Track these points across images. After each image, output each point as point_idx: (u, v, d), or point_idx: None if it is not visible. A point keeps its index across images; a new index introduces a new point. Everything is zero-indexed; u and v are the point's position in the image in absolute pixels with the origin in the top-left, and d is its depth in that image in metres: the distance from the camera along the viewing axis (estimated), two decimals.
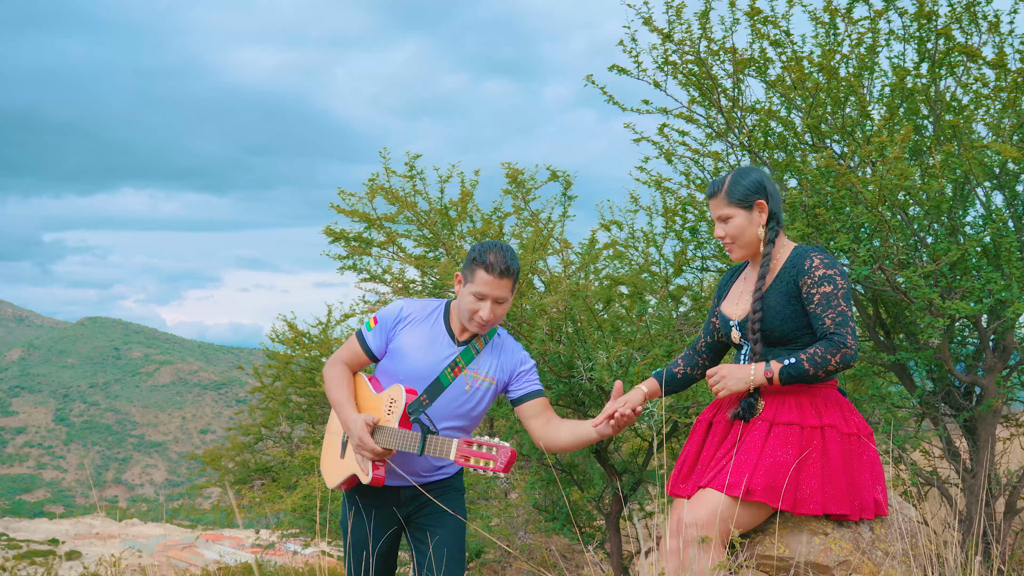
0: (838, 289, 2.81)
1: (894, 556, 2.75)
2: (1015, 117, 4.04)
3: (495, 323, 3.27)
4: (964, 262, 4.12)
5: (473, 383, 3.29)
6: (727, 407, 2.99)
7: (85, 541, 47.20)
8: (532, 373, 3.42)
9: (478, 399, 3.30)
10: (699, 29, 4.54)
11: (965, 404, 4.38)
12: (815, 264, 2.85)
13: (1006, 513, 4.28)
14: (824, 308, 2.80)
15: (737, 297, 3.09)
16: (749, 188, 2.98)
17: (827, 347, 2.76)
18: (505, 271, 3.16)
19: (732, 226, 3.00)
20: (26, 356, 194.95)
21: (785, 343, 2.89)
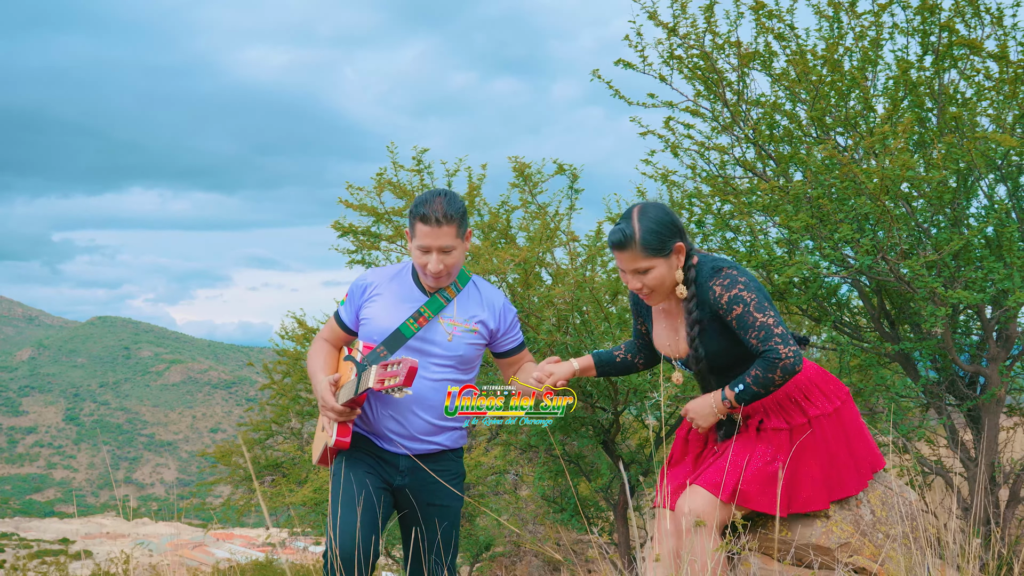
0: (748, 304, 2.70)
1: (895, 539, 2.80)
2: (1017, 109, 4.08)
3: (449, 273, 3.17)
4: (967, 252, 4.16)
5: (453, 331, 3.20)
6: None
7: (96, 540, 47.40)
8: (516, 325, 3.37)
9: (465, 347, 3.22)
10: (704, 23, 4.59)
11: (969, 393, 4.41)
12: (718, 294, 2.74)
13: (1009, 501, 4.31)
14: (745, 330, 2.71)
15: (665, 329, 2.98)
16: (664, 233, 2.78)
17: (764, 367, 2.69)
18: (443, 218, 3.04)
19: (652, 278, 2.81)
20: (36, 356, 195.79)
21: (737, 365, 2.82)
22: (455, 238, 3.10)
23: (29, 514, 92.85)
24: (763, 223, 4.72)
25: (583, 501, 6.66)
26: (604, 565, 3.43)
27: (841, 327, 5.03)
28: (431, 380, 3.19)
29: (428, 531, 3.27)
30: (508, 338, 3.33)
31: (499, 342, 3.32)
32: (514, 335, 3.35)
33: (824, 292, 4.88)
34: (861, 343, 4.80)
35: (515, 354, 3.36)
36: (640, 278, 2.80)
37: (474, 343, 3.24)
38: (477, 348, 3.27)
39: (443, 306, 3.21)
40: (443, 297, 3.21)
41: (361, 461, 3.25)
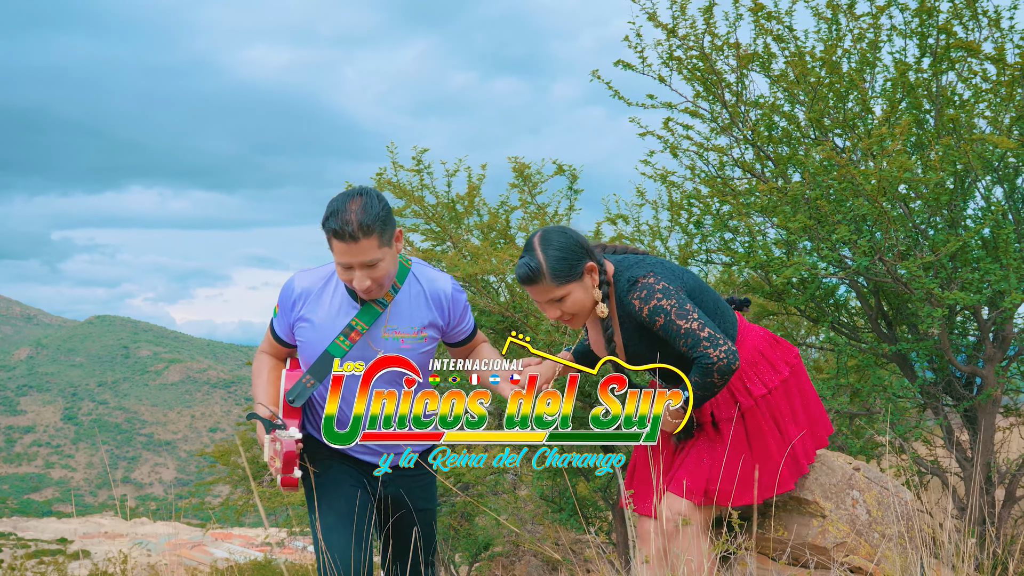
0: (668, 313, 2.63)
1: (890, 538, 2.82)
2: (1014, 111, 4.10)
3: (380, 285, 2.76)
4: (964, 253, 4.18)
5: (400, 344, 2.83)
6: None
7: (94, 540, 47.40)
8: (467, 310, 3.02)
9: (417, 357, 2.84)
10: (703, 24, 4.61)
11: (965, 394, 4.44)
12: (637, 308, 2.67)
13: (1005, 501, 4.33)
14: (673, 340, 2.65)
15: (595, 337, 2.87)
16: (571, 258, 2.68)
17: (700, 373, 2.62)
18: (359, 231, 2.62)
19: (570, 304, 2.71)
20: (34, 355, 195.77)
21: (680, 360, 2.70)
22: (378, 249, 2.67)
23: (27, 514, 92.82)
24: (761, 224, 4.74)
25: (581, 501, 6.67)
26: (602, 564, 3.43)
27: (839, 328, 5.05)
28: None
29: (408, 536, 3.02)
30: (460, 329, 3.00)
31: (451, 334, 2.99)
32: (466, 323, 3.01)
33: (822, 293, 4.90)
34: (858, 344, 4.82)
35: (468, 343, 3.04)
36: (558, 307, 2.71)
37: (427, 350, 2.89)
38: (431, 353, 2.92)
39: (379, 314, 2.81)
40: (379, 304, 2.81)
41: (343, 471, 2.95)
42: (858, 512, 2.87)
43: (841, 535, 2.80)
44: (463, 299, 2.97)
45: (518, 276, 2.72)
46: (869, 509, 2.88)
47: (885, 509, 2.89)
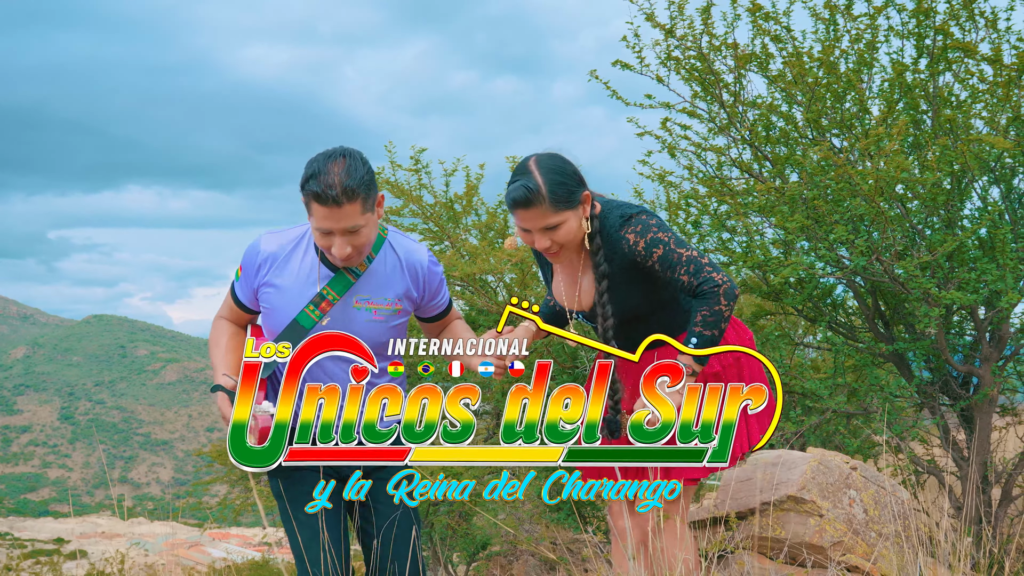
0: (667, 243, 2.46)
1: (887, 537, 2.83)
2: (1010, 111, 4.12)
3: (360, 253, 2.57)
4: (961, 253, 4.19)
5: (374, 316, 2.63)
6: None
7: (91, 540, 47.36)
8: (443, 284, 2.82)
9: (389, 331, 2.63)
10: (701, 25, 4.62)
11: (962, 393, 4.45)
12: (632, 242, 2.48)
13: (1001, 500, 4.35)
14: (673, 270, 2.45)
15: (565, 283, 2.66)
16: (570, 184, 2.50)
17: (707, 302, 2.41)
18: (343, 195, 2.44)
19: (563, 233, 2.50)
20: (31, 354, 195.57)
21: (643, 318, 2.56)
22: (361, 215, 2.49)
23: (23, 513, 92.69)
24: (759, 224, 4.75)
25: (578, 500, 6.68)
26: (599, 564, 3.44)
27: (836, 327, 5.06)
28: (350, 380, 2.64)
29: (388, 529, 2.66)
30: (435, 303, 2.79)
31: (425, 308, 2.77)
32: (442, 297, 2.80)
33: (819, 293, 4.92)
34: (856, 343, 4.83)
35: (441, 319, 2.83)
36: (549, 235, 2.48)
37: (398, 324, 2.67)
38: (401, 330, 2.70)
39: (351, 284, 2.62)
40: (352, 273, 2.62)
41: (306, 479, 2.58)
42: (855, 511, 2.88)
43: (838, 534, 2.81)
44: (439, 272, 2.78)
45: (512, 199, 2.48)
46: (866, 508, 2.90)
47: (882, 508, 2.90)
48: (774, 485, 2.87)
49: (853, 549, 2.79)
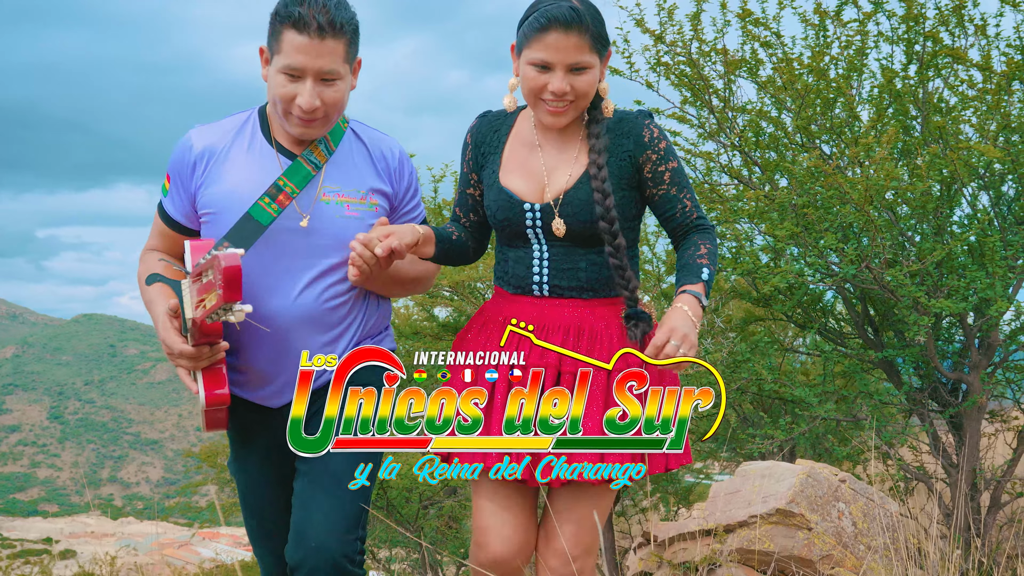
0: (681, 164, 2.23)
1: (876, 550, 2.82)
2: (1000, 119, 4.11)
3: (326, 116, 2.16)
4: (950, 261, 4.19)
5: (346, 210, 2.24)
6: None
7: (80, 540, 47.24)
8: (417, 193, 2.41)
9: (368, 228, 2.22)
10: (691, 31, 4.61)
11: (951, 400, 4.45)
12: (656, 136, 2.16)
13: (990, 507, 4.35)
14: (680, 188, 2.17)
15: (525, 167, 2.20)
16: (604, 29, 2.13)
17: (710, 237, 2.17)
18: (328, 26, 2.06)
19: (586, 82, 2.09)
20: (20, 353, 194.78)
21: (590, 243, 2.17)
22: (343, 62, 2.13)
23: (12, 513, 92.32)
24: (749, 231, 4.75)
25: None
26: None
27: (826, 333, 5.05)
28: (316, 295, 2.21)
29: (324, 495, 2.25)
30: (409, 211, 2.36)
31: (399, 216, 2.35)
32: (416, 206, 2.38)
33: (809, 299, 4.91)
34: (845, 349, 4.83)
35: None
36: (572, 78, 2.07)
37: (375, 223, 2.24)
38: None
39: (310, 175, 2.21)
40: (310, 162, 2.22)
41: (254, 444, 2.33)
42: (844, 524, 2.87)
43: (827, 547, 2.80)
44: (413, 171, 2.39)
45: (551, 16, 2.06)
46: (855, 521, 2.89)
47: (871, 521, 2.90)
48: (763, 497, 2.86)
49: (842, 563, 2.79)
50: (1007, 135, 4.20)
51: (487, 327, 2.25)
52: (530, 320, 2.16)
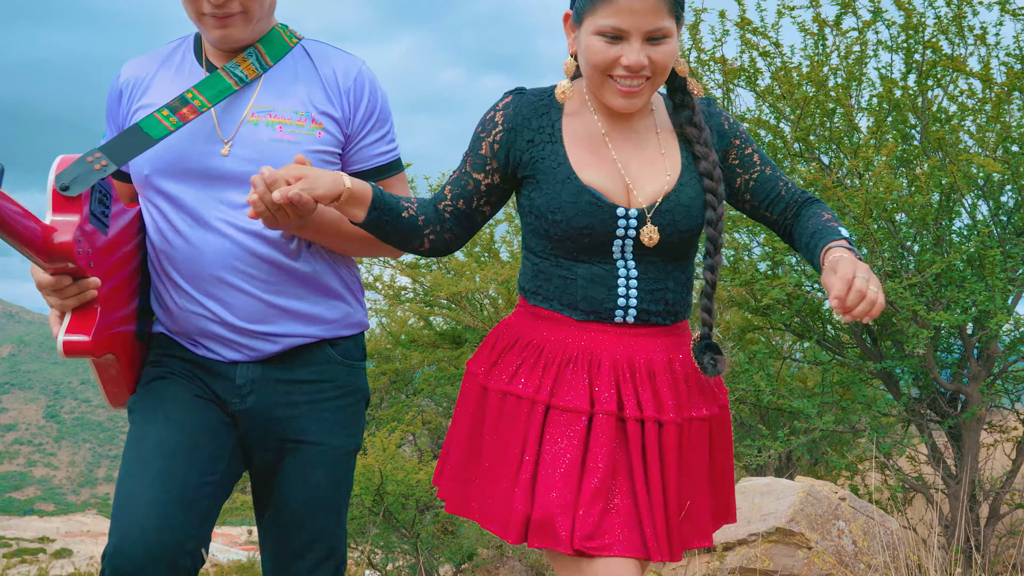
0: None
1: (876, 568, 2.80)
2: (1000, 129, 4.10)
3: (244, 17, 1.86)
4: (949, 272, 4.18)
5: (277, 133, 1.87)
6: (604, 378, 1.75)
7: (76, 539, 47.19)
8: (386, 120, 2.01)
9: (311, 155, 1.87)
10: (690, 40, 4.59)
11: (950, 411, 4.44)
12: (732, 121, 1.89)
13: (989, 518, 4.33)
14: (772, 167, 1.90)
15: (600, 164, 1.77)
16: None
17: (827, 208, 1.87)
18: None
19: (666, 53, 1.71)
20: (16, 352, 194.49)
21: (678, 257, 1.81)
22: None
23: (8, 512, 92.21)
24: (747, 241, 4.73)
25: None
26: None
27: (824, 343, 5.04)
28: (247, 232, 1.86)
29: (292, 490, 1.94)
30: (367, 144, 1.97)
31: (355, 150, 1.96)
32: (379, 142, 1.99)
33: (807, 308, 4.90)
34: (843, 359, 4.81)
35: (386, 177, 2.00)
36: (649, 50, 1.69)
37: (323, 152, 1.89)
38: (333, 164, 1.92)
39: (230, 89, 1.87)
40: (233, 75, 1.87)
41: (174, 379, 1.94)
42: (844, 543, 2.85)
43: (827, 566, 2.78)
44: (379, 96, 1.99)
45: None
46: (855, 539, 2.87)
47: (871, 539, 2.88)
48: (762, 515, 2.84)
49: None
50: (1006, 146, 4.19)
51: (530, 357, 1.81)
52: (610, 355, 1.76)
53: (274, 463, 1.97)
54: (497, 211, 1.92)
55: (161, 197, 1.90)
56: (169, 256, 1.91)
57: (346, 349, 2.02)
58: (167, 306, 1.94)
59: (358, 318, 2.06)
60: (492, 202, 1.85)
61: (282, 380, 1.94)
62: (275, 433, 1.95)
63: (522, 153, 1.79)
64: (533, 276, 1.85)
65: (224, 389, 1.93)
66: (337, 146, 1.92)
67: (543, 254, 1.82)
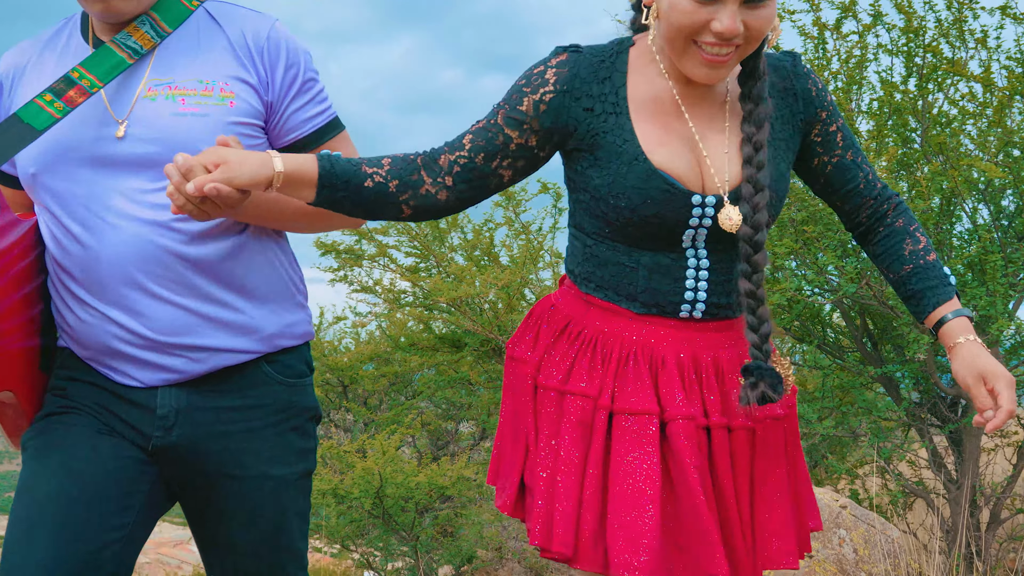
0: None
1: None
2: (1001, 134, 4.09)
3: None
4: None
5: (180, 107, 1.58)
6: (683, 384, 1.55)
7: None
8: (312, 80, 1.72)
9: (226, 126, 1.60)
10: None
11: (951, 416, 4.43)
12: (821, 86, 1.62)
13: (990, 523, 4.33)
14: (855, 151, 1.65)
15: (673, 142, 1.53)
16: None
17: (914, 219, 1.67)
18: None
19: (764, 18, 1.46)
20: None
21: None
22: None
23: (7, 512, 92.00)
24: None
25: None
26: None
27: (824, 347, 5.03)
28: (153, 224, 1.57)
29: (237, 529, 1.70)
30: (299, 108, 1.70)
31: (284, 119, 1.69)
32: (308, 105, 1.71)
33: (808, 313, 4.89)
34: (843, 364, 4.80)
35: (325, 141, 1.73)
36: (747, 13, 1.44)
37: (239, 124, 1.62)
38: (254, 136, 1.65)
39: (123, 64, 1.58)
40: (125, 48, 1.59)
41: (78, 413, 1.65)
42: (845, 551, 2.84)
43: (828, 575, 2.78)
44: (300, 55, 1.71)
45: None
46: (856, 548, 2.86)
47: (872, 547, 2.87)
48: None
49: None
50: (1007, 150, 4.18)
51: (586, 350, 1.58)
52: (673, 352, 1.56)
53: (211, 499, 1.69)
54: (514, 182, 1.63)
55: (51, 197, 1.60)
56: (64, 265, 1.60)
57: (286, 365, 1.72)
58: (70, 324, 1.63)
59: (302, 328, 1.76)
60: (516, 168, 1.57)
61: (211, 408, 1.65)
62: (208, 469, 1.66)
63: (578, 123, 1.53)
64: (584, 259, 1.60)
65: (142, 420, 1.63)
66: (257, 117, 1.64)
67: (597, 236, 1.57)
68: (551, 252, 5.35)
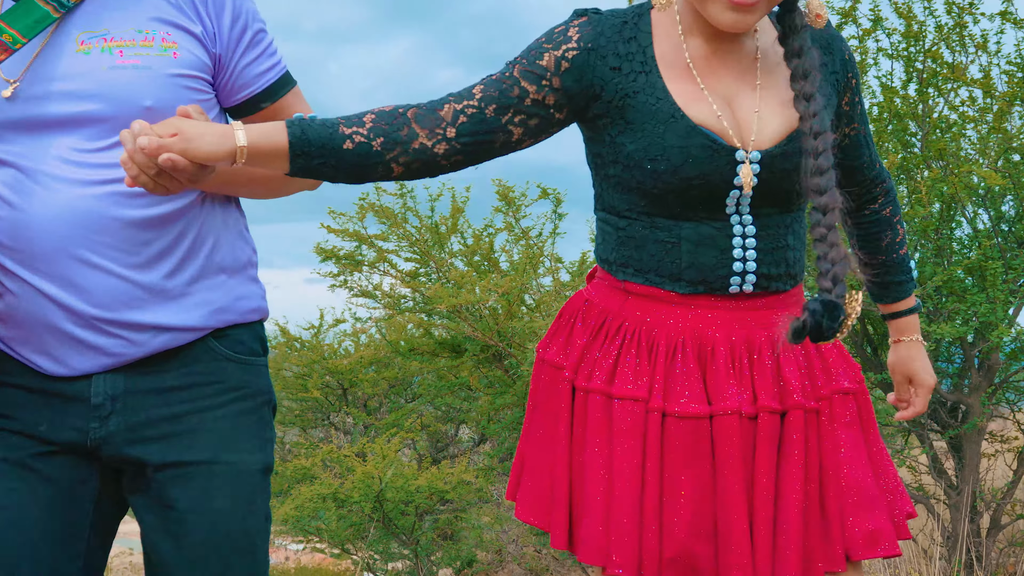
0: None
1: None
2: (1001, 139, 4.09)
3: None
4: (950, 284, 4.17)
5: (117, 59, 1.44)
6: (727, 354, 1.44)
7: None
8: (260, 34, 1.57)
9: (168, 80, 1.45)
10: None
11: (950, 422, 4.43)
12: (852, 55, 1.54)
13: (990, 529, 4.33)
14: (868, 131, 1.59)
15: (705, 97, 1.42)
16: None
17: (897, 206, 1.64)
18: None
19: None
20: None
21: (791, 206, 1.46)
22: None
23: None
24: None
25: None
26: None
27: None
28: (90, 183, 1.43)
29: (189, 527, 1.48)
30: (251, 61, 1.55)
31: (235, 74, 1.54)
32: (259, 60, 1.56)
33: None
34: None
35: (278, 98, 1.59)
36: None
37: (183, 77, 1.47)
38: (201, 92, 1.51)
39: (49, 17, 1.43)
40: (54, 5, 1.43)
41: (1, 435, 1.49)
42: None
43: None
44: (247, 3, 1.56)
45: None
46: None
47: None
48: None
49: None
50: (1008, 156, 4.17)
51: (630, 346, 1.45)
52: (725, 337, 1.44)
53: (161, 497, 1.48)
54: (520, 146, 1.47)
55: None
56: None
57: (237, 341, 1.55)
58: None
59: (254, 303, 1.59)
60: (528, 127, 1.42)
61: (152, 390, 1.48)
62: (151, 459, 1.47)
63: (605, 83, 1.41)
64: (618, 244, 1.47)
65: (78, 417, 1.46)
66: (203, 70, 1.49)
67: (632, 214, 1.45)
68: (551, 257, 5.36)
